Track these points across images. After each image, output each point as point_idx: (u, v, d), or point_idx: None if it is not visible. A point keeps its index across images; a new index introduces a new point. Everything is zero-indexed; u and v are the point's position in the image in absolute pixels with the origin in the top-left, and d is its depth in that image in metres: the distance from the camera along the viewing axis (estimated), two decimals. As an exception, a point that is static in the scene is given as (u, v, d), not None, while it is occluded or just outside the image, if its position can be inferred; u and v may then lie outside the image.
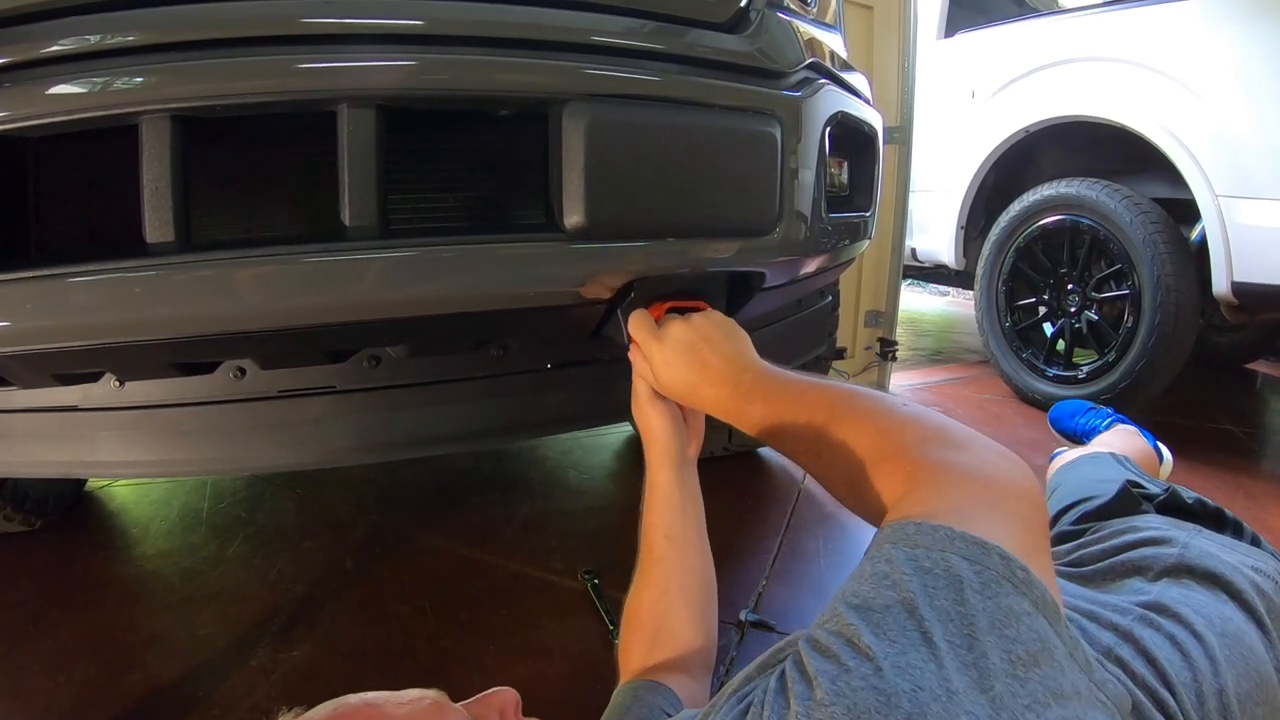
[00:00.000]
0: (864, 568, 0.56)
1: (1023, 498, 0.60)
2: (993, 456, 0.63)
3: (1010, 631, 0.49)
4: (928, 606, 0.50)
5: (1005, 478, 0.61)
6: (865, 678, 0.47)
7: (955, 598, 0.50)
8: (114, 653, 1.40)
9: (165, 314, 0.75)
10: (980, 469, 0.61)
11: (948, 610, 0.50)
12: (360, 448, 1.02)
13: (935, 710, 0.45)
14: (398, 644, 1.43)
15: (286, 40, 0.73)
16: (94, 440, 1.03)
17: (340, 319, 0.79)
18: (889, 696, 0.46)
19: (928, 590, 0.51)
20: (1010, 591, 0.51)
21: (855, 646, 0.50)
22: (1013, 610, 0.50)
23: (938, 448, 0.64)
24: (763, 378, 0.84)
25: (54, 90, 0.71)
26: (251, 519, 1.91)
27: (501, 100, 0.81)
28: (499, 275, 0.82)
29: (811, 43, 1.10)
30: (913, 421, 0.68)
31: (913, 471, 0.63)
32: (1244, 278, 2.50)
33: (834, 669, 0.49)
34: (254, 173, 0.83)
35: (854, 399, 0.74)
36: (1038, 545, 0.57)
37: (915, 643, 0.48)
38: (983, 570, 0.52)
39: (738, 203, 0.94)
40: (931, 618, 0.49)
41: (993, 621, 0.49)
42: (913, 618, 0.50)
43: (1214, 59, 2.52)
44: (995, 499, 0.59)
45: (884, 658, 0.48)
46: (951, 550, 0.53)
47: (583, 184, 0.81)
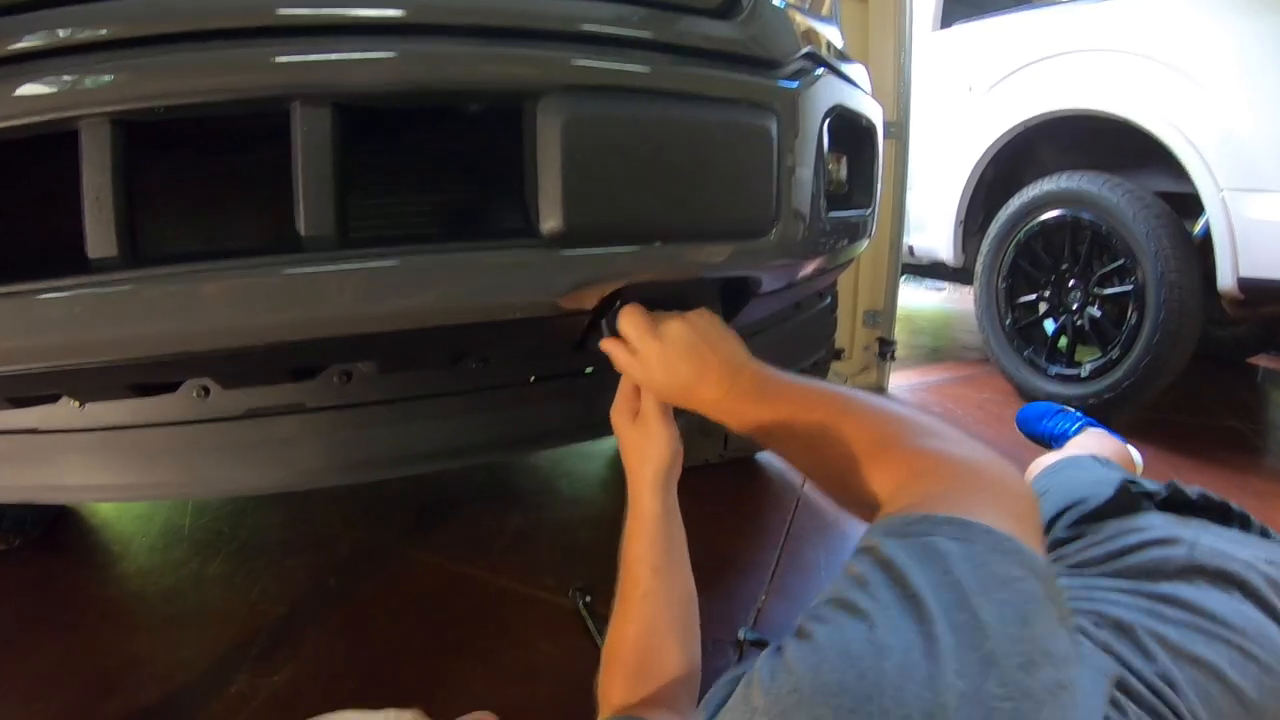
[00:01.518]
0: (856, 558, 0.58)
1: (1016, 496, 0.61)
2: (986, 455, 0.65)
3: (1001, 595, 0.51)
4: (919, 577, 0.52)
5: (999, 476, 0.63)
6: (860, 632, 0.50)
7: (943, 568, 0.52)
8: (92, 677, 1.36)
9: (109, 335, 0.69)
10: (973, 466, 0.63)
11: (936, 580, 0.52)
12: (334, 468, 0.97)
13: (924, 666, 0.47)
14: (383, 666, 1.38)
15: (229, 35, 0.67)
16: (57, 464, 0.97)
17: (297, 336, 0.73)
18: (881, 648, 0.48)
19: (917, 566, 0.53)
20: (998, 560, 0.53)
21: (850, 610, 0.52)
22: (1001, 575, 0.52)
23: (933, 444, 0.66)
24: (759, 377, 0.84)
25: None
26: (234, 534, 1.86)
27: (470, 94, 0.75)
28: (469, 286, 0.76)
29: (807, 31, 1.04)
30: (908, 420, 0.70)
31: (909, 465, 0.65)
32: (1249, 273, 2.45)
33: (830, 628, 0.51)
34: (205, 181, 0.77)
35: (850, 399, 0.76)
36: (1032, 537, 0.57)
37: (907, 609, 0.50)
38: (968, 544, 0.54)
39: (731, 202, 0.88)
40: (923, 584, 0.51)
41: (983, 585, 0.51)
42: (904, 588, 0.52)
43: (1218, 50, 2.47)
44: (989, 495, 0.60)
45: (877, 616, 0.50)
46: (937, 533, 0.55)
47: (560, 185, 0.75)
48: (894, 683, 0.46)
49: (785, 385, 0.82)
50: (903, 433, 0.69)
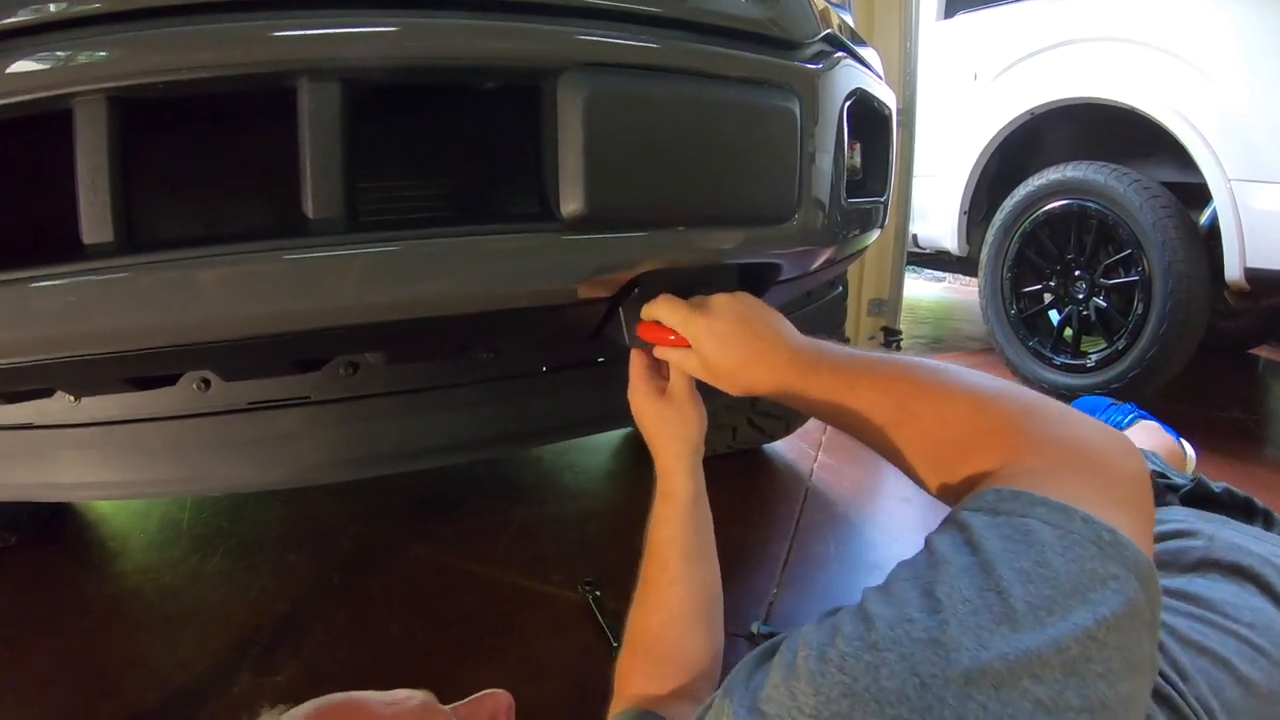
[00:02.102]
0: (939, 533, 0.54)
1: (1127, 479, 0.56)
2: (1100, 435, 0.59)
3: (1095, 595, 0.47)
4: (1007, 567, 0.48)
5: (1114, 459, 0.57)
6: (928, 630, 0.46)
7: (1035, 558, 0.48)
8: (89, 678, 1.33)
9: (105, 326, 0.66)
10: (1081, 442, 0.58)
11: (1028, 571, 0.48)
12: (339, 463, 0.94)
13: (998, 668, 0.43)
14: (387, 665, 1.35)
15: (233, 7, 0.63)
16: (53, 460, 0.94)
17: (303, 326, 0.70)
18: (949, 652, 0.44)
19: (1007, 553, 0.49)
20: (1095, 554, 0.49)
21: (927, 598, 0.48)
22: (1097, 573, 0.48)
23: (1041, 422, 0.60)
24: (820, 350, 0.77)
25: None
26: (233, 530, 1.83)
27: (487, 71, 0.71)
28: (486, 272, 0.72)
29: (826, 14, 1.01)
30: (1009, 395, 0.63)
31: (1016, 445, 0.59)
32: (1257, 263, 2.45)
33: (895, 615, 0.48)
34: (206, 162, 0.73)
35: (937, 372, 0.68)
36: (1141, 529, 0.53)
37: (990, 603, 0.46)
38: (1066, 533, 0.49)
39: (754, 187, 0.85)
40: (1011, 578, 0.47)
41: (1076, 585, 0.47)
42: (990, 578, 0.48)
43: (1225, 39, 2.46)
44: (1102, 481, 0.55)
45: (953, 613, 0.46)
46: (1032, 515, 0.51)
47: (582, 166, 0.71)
48: (960, 693, 0.43)
49: (856, 359, 0.74)
50: (1010, 411, 0.62)
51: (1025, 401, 0.62)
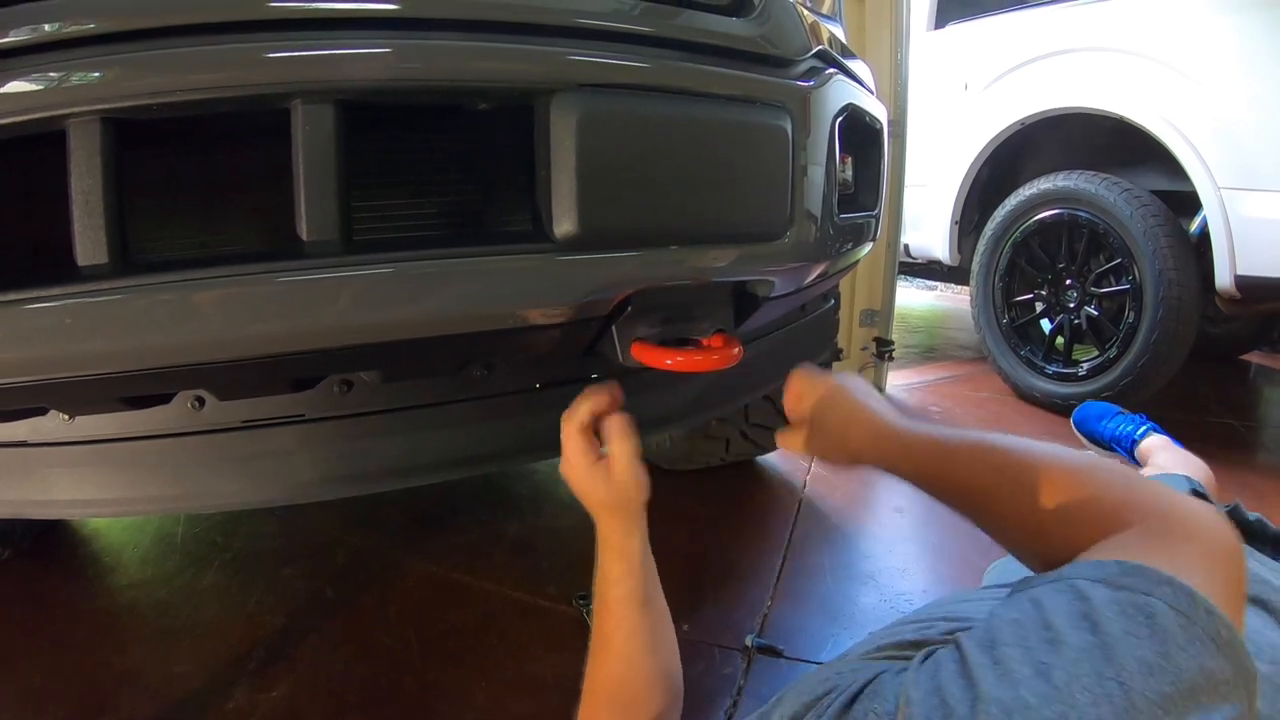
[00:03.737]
0: (1051, 599, 0.52)
1: (1229, 555, 0.56)
2: (1202, 507, 0.59)
3: (1207, 699, 0.46)
4: (1129, 655, 0.46)
5: (1219, 533, 0.57)
6: (1042, 698, 0.45)
7: (1160, 651, 0.47)
8: (84, 693, 1.33)
9: (100, 347, 0.66)
10: (1196, 519, 0.58)
11: (1150, 663, 0.46)
12: (334, 480, 0.94)
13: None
14: (383, 680, 1.35)
15: (227, 28, 0.63)
16: (45, 477, 0.94)
17: (298, 347, 0.70)
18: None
19: (1129, 636, 0.47)
20: (1214, 652, 0.47)
21: (1044, 681, 0.46)
22: (1214, 675, 0.47)
23: (1147, 490, 0.61)
24: (921, 425, 0.82)
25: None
26: (228, 544, 1.82)
27: (479, 92, 0.71)
28: (481, 293, 0.72)
29: (817, 29, 1.01)
30: (1108, 464, 0.65)
31: (1122, 513, 0.59)
32: (1247, 271, 2.46)
33: (1011, 697, 0.46)
34: (200, 183, 0.73)
35: (1029, 444, 0.70)
36: (1238, 612, 0.53)
37: (1111, 693, 0.45)
38: (1189, 624, 0.48)
39: (747, 205, 0.85)
40: (1133, 668, 0.46)
41: (1194, 686, 0.46)
42: (1111, 665, 0.46)
43: (1215, 48, 2.47)
44: (1209, 554, 0.55)
45: (1073, 704, 0.45)
46: (1157, 595, 0.49)
47: (575, 186, 0.71)
48: None
49: (948, 430, 0.78)
50: (1102, 477, 0.63)
51: (1125, 472, 0.63)
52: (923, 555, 1.83)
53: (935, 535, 1.91)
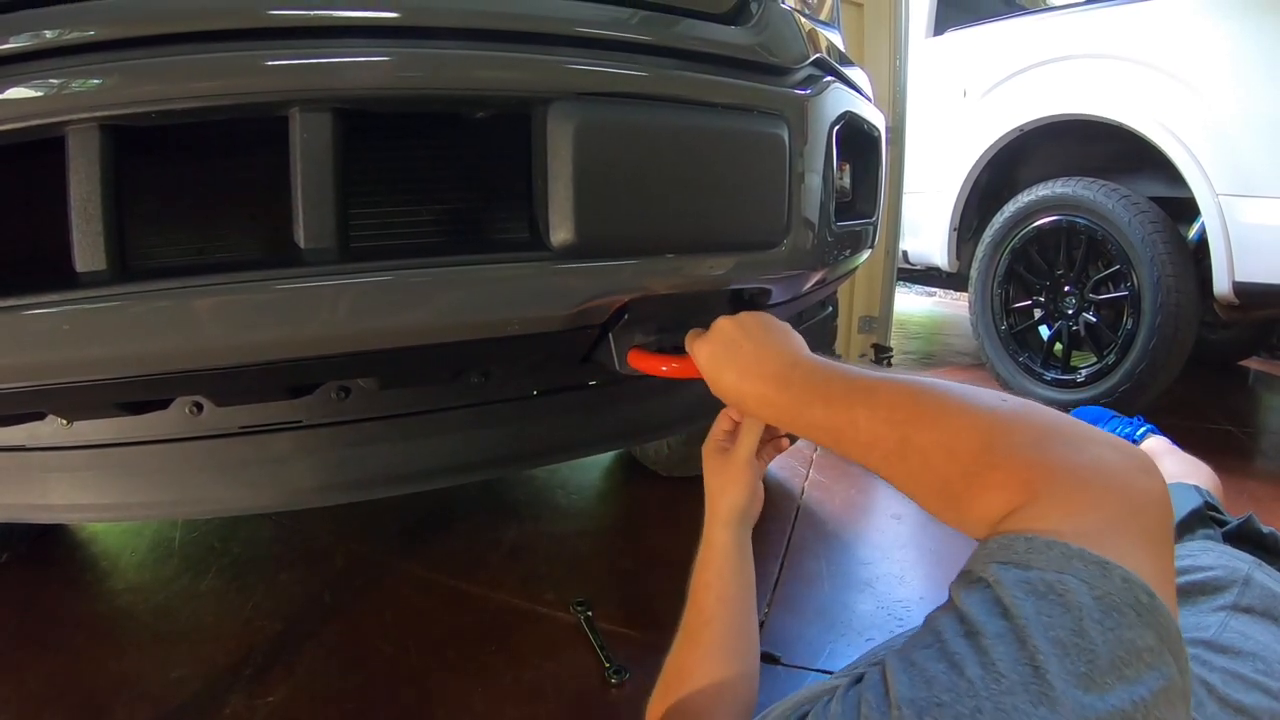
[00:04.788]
0: (968, 590, 0.51)
1: (1154, 508, 0.53)
2: (1118, 457, 0.55)
3: (1131, 671, 0.44)
4: (1042, 636, 0.45)
5: (1136, 484, 0.53)
6: (959, 696, 0.45)
7: (1073, 628, 0.45)
8: (82, 698, 1.32)
9: (98, 353, 0.66)
10: (1107, 475, 0.53)
11: (1064, 642, 0.45)
12: (331, 486, 0.94)
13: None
14: (380, 686, 1.34)
15: (225, 36, 0.64)
16: (43, 482, 0.94)
17: (295, 354, 0.70)
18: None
19: (1041, 617, 0.46)
20: (1134, 622, 0.46)
21: (957, 675, 0.46)
22: (1135, 645, 0.45)
23: (1055, 449, 0.55)
24: (817, 373, 0.72)
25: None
26: (225, 549, 1.82)
27: (477, 101, 0.72)
28: (478, 301, 0.73)
29: (815, 37, 1.02)
30: (1021, 419, 0.58)
31: (1029, 479, 0.54)
32: (1245, 277, 2.46)
33: (925, 698, 0.46)
34: (198, 190, 0.73)
35: (941, 394, 0.63)
36: (1164, 568, 0.50)
37: (1026, 679, 0.44)
38: (1105, 597, 0.46)
39: (744, 213, 0.86)
40: (1047, 650, 0.44)
41: (1114, 659, 0.44)
42: (1024, 649, 0.45)
43: (1213, 55, 2.47)
44: (1125, 512, 0.52)
45: (987, 695, 0.44)
46: (1069, 571, 0.47)
47: (572, 195, 0.71)
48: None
49: (855, 383, 0.68)
50: (1021, 438, 0.57)
51: (1037, 426, 0.57)
52: (920, 562, 1.83)
53: (933, 541, 1.91)
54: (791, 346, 0.77)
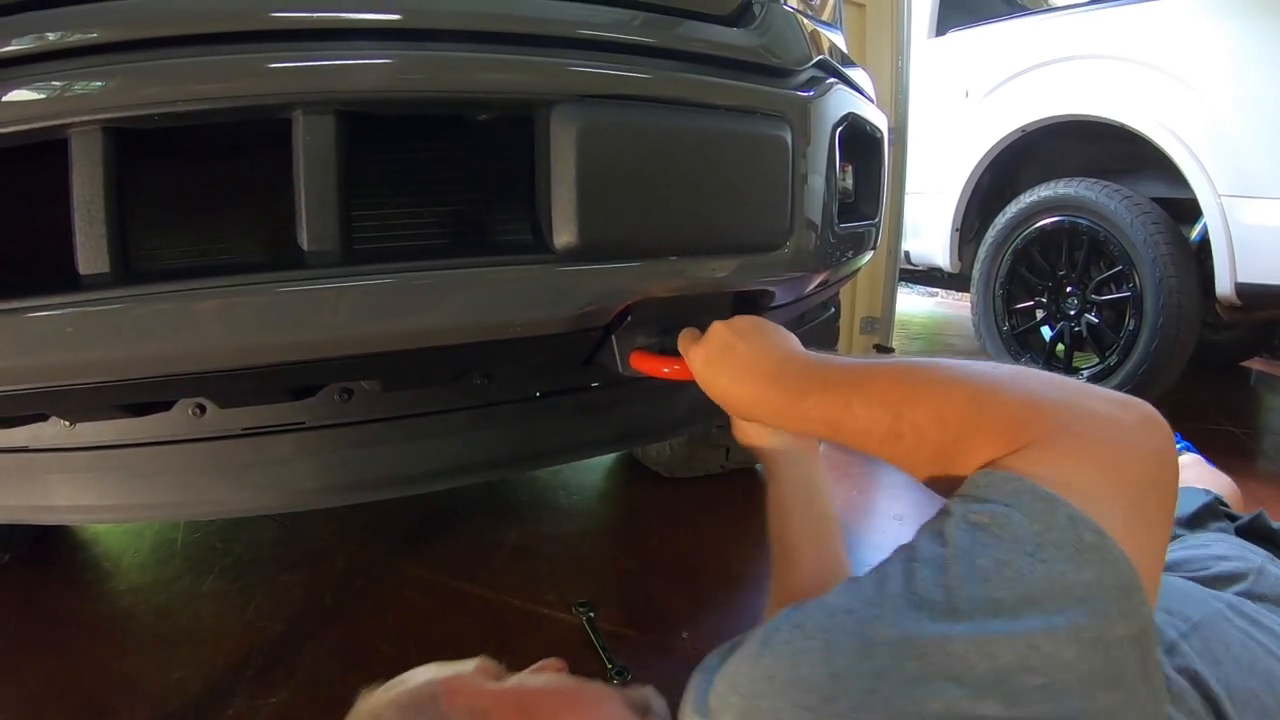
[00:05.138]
0: (929, 522, 0.53)
1: (1142, 460, 0.51)
2: (1111, 409, 0.53)
3: (1052, 604, 0.44)
4: (967, 564, 0.47)
5: (1125, 433, 0.52)
6: (860, 623, 0.46)
7: (1000, 558, 0.46)
8: (83, 699, 1.32)
9: (102, 356, 0.66)
10: (1094, 420, 0.52)
11: (986, 570, 0.46)
12: (334, 488, 0.94)
13: (912, 669, 0.43)
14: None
15: (229, 39, 0.64)
16: (46, 483, 0.94)
17: (298, 357, 0.70)
18: (870, 648, 0.45)
19: (975, 546, 0.47)
20: (1069, 558, 0.46)
21: (878, 591, 0.49)
22: (1065, 580, 0.45)
23: (1045, 403, 0.54)
24: (810, 366, 0.71)
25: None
26: (227, 550, 1.82)
27: (481, 103, 0.71)
28: (481, 304, 0.73)
29: (817, 38, 1.02)
30: (1010, 380, 0.57)
31: (1014, 431, 0.53)
32: (1248, 278, 2.46)
33: (841, 604, 0.49)
34: (202, 193, 0.73)
35: (930, 369, 0.62)
36: (1142, 518, 0.49)
37: (933, 597, 0.46)
38: (1044, 531, 0.46)
39: (747, 215, 0.86)
40: (968, 576, 0.46)
41: (1035, 590, 0.45)
42: (946, 574, 0.47)
43: (1215, 56, 2.47)
44: (1109, 462, 0.51)
45: (892, 606, 0.47)
46: (1015, 504, 0.48)
47: (575, 197, 0.71)
48: (866, 686, 0.43)
49: (849, 371, 0.68)
50: (1010, 397, 0.55)
51: (1029, 386, 0.56)
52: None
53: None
54: (785, 345, 0.77)
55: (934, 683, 0.43)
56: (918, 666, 0.43)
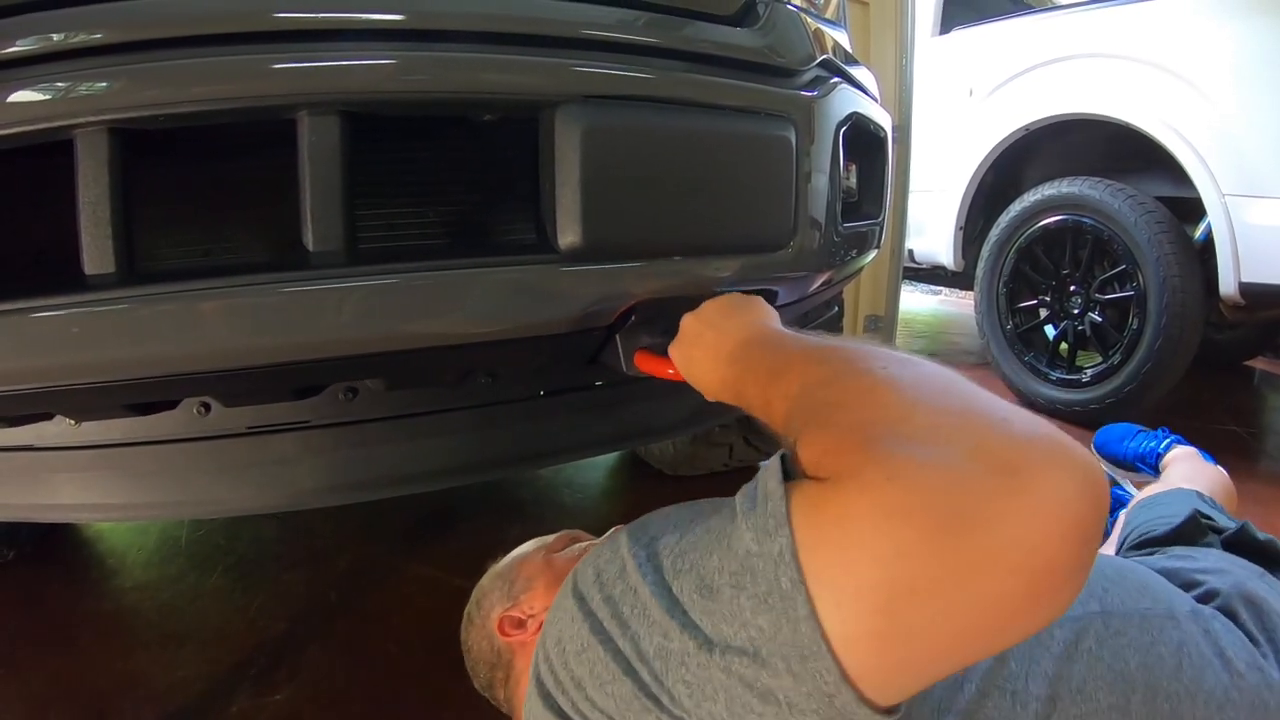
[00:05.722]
0: None
1: (956, 555, 0.41)
2: (988, 480, 0.41)
3: (728, 628, 0.49)
4: (697, 549, 0.55)
5: (952, 521, 0.41)
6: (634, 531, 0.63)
7: (713, 565, 0.52)
8: (88, 698, 1.32)
9: (107, 356, 0.66)
10: (951, 488, 0.41)
11: (699, 566, 0.54)
12: (338, 487, 0.94)
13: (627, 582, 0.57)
14: (386, 686, 1.35)
15: (233, 40, 0.64)
16: (50, 482, 0.94)
17: (303, 357, 0.70)
18: (629, 548, 0.59)
19: (708, 540, 0.54)
20: (757, 594, 0.47)
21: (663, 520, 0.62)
22: (744, 616, 0.48)
23: (899, 438, 0.45)
24: (755, 347, 0.67)
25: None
26: (231, 548, 1.82)
27: (485, 104, 0.72)
28: (485, 304, 0.73)
29: (821, 37, 1.01)
30: (905, 391, 0.50)
31: (842, 446, 0.47)
32: (1252, 278, 2.45)
33: None
34: (207, 193, 0.73)
35: (855, 361, 0.55)
36: (915, 614, 0.42)
37: (661, 558, 0.57)
38: (754, 555, 0.49)
39: (751, 216, 0.86)
40: (683, 557, 0.55)
41: (708, 610, 0.51)
42: (679, 541, 0.57)
43: (1219, 55, 2.46)
44: (896, 537, 0.42)
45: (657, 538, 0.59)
46: (748, 517, 0.50)
47: (579, 197, 0.71)
48: None
49: (779, 352, 0.63)
50: (884, 415, 0.48)
51: (919, 404, 0.48)
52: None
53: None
54: (750, 325, 0.72)
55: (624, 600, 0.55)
56: (628, 584, 0.56)
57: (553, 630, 0.61)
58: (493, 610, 0.94)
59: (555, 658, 0.59)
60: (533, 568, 0.95)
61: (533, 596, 0.90)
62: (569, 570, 0.67)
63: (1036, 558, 0.40)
